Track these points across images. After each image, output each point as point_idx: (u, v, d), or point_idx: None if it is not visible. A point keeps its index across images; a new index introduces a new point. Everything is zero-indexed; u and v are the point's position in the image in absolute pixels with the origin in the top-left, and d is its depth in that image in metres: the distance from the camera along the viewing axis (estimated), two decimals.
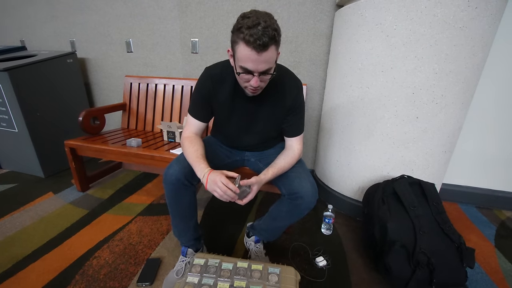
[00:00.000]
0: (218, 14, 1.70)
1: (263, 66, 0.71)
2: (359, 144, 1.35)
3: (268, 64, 0.72)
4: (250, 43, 0.66)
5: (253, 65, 0.71)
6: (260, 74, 0.74)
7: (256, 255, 1.12)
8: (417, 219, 1.03)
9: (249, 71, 0.72)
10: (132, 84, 1.91)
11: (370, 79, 1.22)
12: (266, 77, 0.77)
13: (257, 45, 0.66)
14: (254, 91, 0.80)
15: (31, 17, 2.16)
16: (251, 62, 0.70)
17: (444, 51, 1.06)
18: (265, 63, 0.71)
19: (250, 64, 0.70)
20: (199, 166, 0.83)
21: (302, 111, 0.98)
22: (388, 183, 1.16)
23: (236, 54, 0.73)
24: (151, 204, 1.57)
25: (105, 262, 1.11)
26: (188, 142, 0.91)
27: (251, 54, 0.68)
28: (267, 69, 0.73)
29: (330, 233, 1.35)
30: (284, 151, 0.98)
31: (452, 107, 1.16)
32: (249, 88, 0.79)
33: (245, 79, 0.77)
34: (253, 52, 0.67)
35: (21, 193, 1.66)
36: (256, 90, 0.80)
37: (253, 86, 0.76)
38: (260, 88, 0.80)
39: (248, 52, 0.68)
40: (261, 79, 0.76)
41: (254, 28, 0.65)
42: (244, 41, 0.67)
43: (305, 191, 0.86)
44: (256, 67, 0.71)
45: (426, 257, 0.95)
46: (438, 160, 1.28)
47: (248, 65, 0.71)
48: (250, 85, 0.76)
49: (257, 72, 0.72)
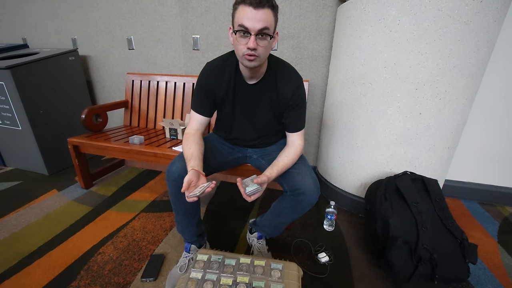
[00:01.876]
0: (219, 10, 1.68)
1: (260, 24, 0.71)
2: (362, 140, 1.35)
3: (265, 23, 0.72)
4: (247, 1, 0.70)
5: (250, 22, 0.71)
6: (257, 35, 0.73)
7: (259, 251, 1.13)
8: (420, 215, 1.03)
9: (246, 29, 0.72)
10: (134, 82, 1.91)
11: (373, 75, 1.21)
12: (264, 41, 0.76)
13: (253, 0, 0.69)
14: (252, 57, 0.77)
15: (33, 14, 2.16)
16: (248, 19, 0.71)
17: (448, 46, 1.05)
18: (261, 22, 0.71)
19: (247, 21, 0.71)
20: (188, 164, 0.85)
21: (303, 106, 0.98)
22: (391, 180, 1.16)
23: (234, 19, 0.76)
24: (154, 201, 1.58)
25: (109, 258, 1.12)
26: (185, 139, 0.93)
27: (248, 11, 0.71)
28: (263, 27, 0.72)
29: (332, 230, 1.35)
30: (286, 148, 0.98)
31: (456, 102, 1.15)
32: (246, 55, 0.77)
33: (243, 43, 0.75)
34: (250, 8, 0.70)
35: (25, 190, 1.67)
36: (254, 56, 0.76)
37: (250, 47, 0.74)
38: (257, 56, 0.77)
39: (246, 9, 0.71)
40: (258, 43, 0.75)
41: None
42: (242, 2, 0.72)
43: (307, 188, 0.86)
44: (253, 24, 0.71)
45: (428, 253, 0.95)
46: (441, 156, 1.27)
47: (245, 22, 0.72)
48: (247, 47, 0.74)
49: (254, 31, 0.72)
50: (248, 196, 0.79)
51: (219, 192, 1.73)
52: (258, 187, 0.79)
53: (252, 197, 0.79)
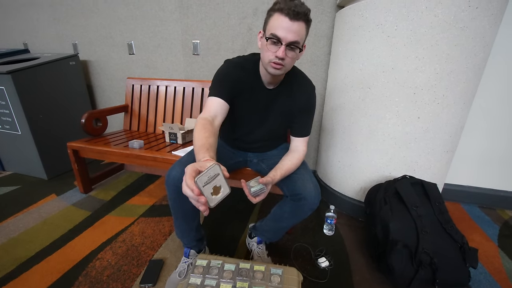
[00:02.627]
0: (219, 16, 1.70)
1: (292, 36, 0.73)
2: (361, 144, 1.35)
3: (297, 36, 0.74)
4: (284, 11, 0.71)
5: (283, 32, 0.72)
6: (287, 46, 0.75)
7: (259, 256, 1.12)
8: (420, 219, 1.03)
9: (278, 39, 0.73)
10: (134, 86, 1.92)
11: (371, 79, 1.23)
12: (292, 53, 0.77)
13: (291, 11, 0.70)
14: (278, 66, 0.78)
15: (34, 20, 2.18)
16: (282, 29, 0.72)
17: (445, 51, 1.06)
18: (294, 34, 0.73)
19: (281, 31, 0.72)
20: (197, 156, 0.74)
21: (312, 113, 1.00)
22: (390, 183, 1.16)
23: (267, 26, 0.76)
24: (153, 206, 1.57)
25: (108, 264, 1.11)
26: (201, 126, 0.78)
27: (284, 21, 0.71)
28: (295, 41, 0.74)
29: (332, 234, 1.35)
30: (289, 152, 0.98)
31: (453, 107, 1.16)
32: (272, 63, 0.78)
33: (272, 51, 0.76)
34: (286, 19, 0.71)
35: (24, 195, 1.67)
36: (280, 65, 0.78)
37: (279, 56, 0.75)
38: (283, 65, 0.79)
39: (282, 19, 0.72)
40: (287, 53, 0.76)
41: (290, 2, 0.71)
42: (279, 10, 0.72)
43: (308, 192, 0.87)
44: (286, 35, 0.72)
45: (428, 257, 0.95)
46: (440, 160, 1.28)
47: (279, 32, 0.73)
48: (276, 55, 0.76)
49: (285, 41, 0.74)
50: (253, 197, 0.78)
51: None
52: (263, 187, 0.78)
53: (257, 198, 0.78)
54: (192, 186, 0.51)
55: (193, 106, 1.79)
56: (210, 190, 0.53)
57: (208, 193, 0.53)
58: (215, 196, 0.55)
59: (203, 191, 0.52)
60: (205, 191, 0.52)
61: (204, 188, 0.52)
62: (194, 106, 1.79)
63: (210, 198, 0.54)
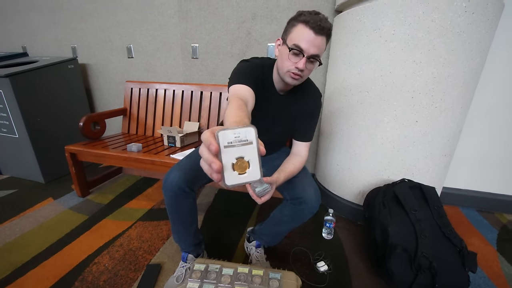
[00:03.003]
0: (218, 20, 1.71)
1: (314, 49, 0.74)
2: (359, 148, 1.35)
3: (319, 50, 0.75)
4: (310, 24, 0.71)
5: (307, 45, 0.73)
6: (308, 58, 0.75)
7: (257, 260, 1.11)
8: (418, 223, 1.02)
9: (300, 50, 0.74)
10: (132, 89, 1.92)
11: (369, 83, 1.23)
12: (311, 65, 0.79)
13: (316, 25, 0.71)
14: (296, 76, 0.79)
15: (33, 23, 2.19)
16: (306, 41, 0.73)
17: (442, 56, 1.07)
18: (316, 47, 0.74)
19: (304, 43, 0.73)
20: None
21: (317, 119, 1.00)
22: (389, 187, 1.16)
23: (289, 35, 0.76)
24: (151, 209, 1.56)
25: (104, 268, 1.10)
26: (238, 105, 0.65)
27: (309, 34, 0.72)
28: (316, 55, 0.75)
29: (331, 238, 1.34)
30: (291, 156, 0.98)
31: (451, 110, 1.17)
32: (291, 73, 0.79)
33: (293, 61, 0.77)
34: (311, 32, 0.72)
35: (21, 199, 1.65)
36: (298, 76, 0.79)
37: (299, 67, 0.76)
38: (301, 77, 0.80)
39: (306, 31, 0.72)
40: (306, 65, 0.77)
41: (315, 15, 0.72)
42: (304, 22, 0.72)
43: (308, 196, 0.86)
44: (308, 47, 0.73)
45: (428, 261, 0.94)
46: (438, 163, 1.28)
47: (302, 44, 0.73)
48: (296, 67, 0.76)
49: (307, 54, 0.74)
50: (259, 197, 0.76)
51: (217, 199, 1.71)
52: (268, 187, 0.77)
53: (263, 198, 0.77)
54: (210, 139, 0.34)
55: (192, 110, 1.79)
56: (232, 160, 0.36)
57: (228, 162, 0.36)
58: (238, 174, 0.37)
59: (222, 153, 0.35)
60: (226, 156, 0.36)
61: (225, 150, 0.35)
62: (193, 110, 1.79)
63: (229, 172, 0.36)
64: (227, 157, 0.36)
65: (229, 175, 0.37)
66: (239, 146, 0.36)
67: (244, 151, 0.37)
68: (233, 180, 0.37)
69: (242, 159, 0.37)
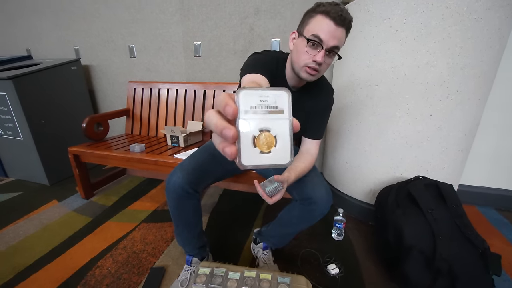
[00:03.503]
0: (220, 17, 1.68)
1: (334, 41, 0.69)
2: (369, 144, 1.29)
3: (339, 42, 0.70)
4: (331, 14, 0.66)
5: (326, 36, 0.68)
6: (327, 51, 0.70)
7: (265, 262, 1.07)
8: (436, 223, 0.96)
9: (319, 41, 0.69)
10: (135, 90, 1.90)
11: (379, 76, 1.17)
12: (329, 59, 0.73)
13: (337, 16, 0.66)
14: (313, 72, 0.74)
15: (36, 26, 2.19)
16: (326, 32, 0.68)
17: (458, 44, 1.00)
18: (337, 39, 0.69)
19: (324, 34, 0.68)
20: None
21: (328, 116, 0.96)
22: (402, 185, 1.10)
23: (306, 27, 0.71)
24: (155, 211, 1.53)
25: (107, 272, 1.07)
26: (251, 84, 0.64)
27: (329, 25, 0.67)
28: (335, 47, 0.70)
29: (341, 239, 1.28)
30: (301, 155, 0.92)
31: (468, 103, 1.10)
32: (308, 68, 0.73)
33: (311, 54, 0.71)
34: (331, 23, 0.67)
35: (25, 201, 1.64)
36: (315, 71, 0.74)
37: (317, 60, 0.70)
38: (318, 72, 0.75)
39: (326, 22, 0.67)
40: (325, 59, 0.72)
41: (335, 6, 0.67)
42: (324, 13, 0.67)
43: (319, 196, 0.81)
44: (328, 39, 0.68)
45: (447, 265, 0.88)
46: (455, 159, 1.21)
47: (322, 34, 0.68)
48: (314, 60, 0.71)
49: (326, 46, 0.69)
50: (269, 197, 0.72)
51: (221, 200, 1.67)
52: (279, 185, 0.72)
53: (274, 198, 0.73)
54: (227, 99, 0.24)
55: (195, 109, 1.76)
56: (254, 131, 0.26)
57: (248, 134, 0.26)
58: (259, 152, 0.26)
59: (241, 121, 0.25)
60: (245, 125, 0.25)
61: (245, 117, 0.25)
62: (196, 109, 1.75)
63: (248, 147, 0.26)
64: (247, 127, 0.26)
65: (248, 152, 0.26)
66: (265, 113, 0.26)
67: (271, 121, 0.26)
68: (252, 159, 0.26)
69: (268, 132, 0.26)
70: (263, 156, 0.26)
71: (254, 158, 0.26)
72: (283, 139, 0.26)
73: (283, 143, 0.26)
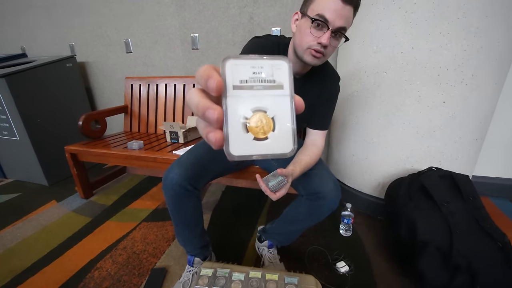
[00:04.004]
0: (218, 6, 1.60)
1: (341, 21, 0.63)
2: (377, 135, 1.23)
3: (346, 22, 0.64)
4: None
5: (333, 15, 0.62)
6: (333, 32, 0.64)
7: (270, 261, 1.02)
8: (452, 217, 0.90)
9: (325, 22, 0.63)
10: (133, 86, 1.84)
11: (387, 62, 1.10)
12: (335, 41, 0.67)
13: None
14: (318, 54, 0.68)
15: (30, 23, 2.13)
16: (332, 11, 0.61)
17: (474, 24, 0.93)
18: (343, 19, 0.63)
19: (330, 13, 0.62)
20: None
21: (334, 105, 0.90)
22: (414, 177, 1.04)
23: (311, 6, 0.65)
24: (156, 209, 1.49)
25: (107, 274, 1.03)
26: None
27: (335, 2, 0.61)
28: (343, 27, 0.64)
29: (349, 235, 1.23)
30: (306, 147, 0.87)
31: (484, 88, 1.03)
32: (312, 50, 0.67)
33: (315, 35, 0.65)
34: (338, 0, 0.61)
35: (24, 202, 1.61)
36: (320, 54, 0.68)
37: (322, 42, 0.64)
38: (324, 55, 0.68)
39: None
40: (331, 42, 0.65)
41: None
42: None
43: (327, 191, 0.76)
44: (334, 19, 0.62)
45: (466, 260, 0.82)
46: (469, 149, 1.14)
47: (327, 14, 0.62)
48: (318, 42, 0.65)
49: (333, 26, 0.63)
50: (273, 192, 0.66)
51: (224, 197, 1.63)
52: (283, 179, 0.66)
53: (278, 194, 0.67)
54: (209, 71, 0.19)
55: None
56: (245, 112, 0.20)
57: (238, 116, 0.20)
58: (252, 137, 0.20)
59: (229, 99, 0.20)
60: (234, 104, 0.20)
61: (234, 94, 0.20)
62: None
63: (238, 133, 0.20)
64: (236, 107, 0.20)
65: (238, 139, 0.20)
66: (260, 89, 0.20)
67: (267, 99, 0.21)
68: (243, 148, 0.20)
69: (264, 113, 0.20)
70: (257, 143, 0.20)
71: (246, 147, 0.20)
72: (283, 122, 0.21)
73: (283, 127, 0.21)
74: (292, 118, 0.21)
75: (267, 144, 0.20)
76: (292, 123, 0.21)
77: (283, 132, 0.21)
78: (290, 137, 0.21)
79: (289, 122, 0.21)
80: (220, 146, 0.20)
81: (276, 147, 0.21)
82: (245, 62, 0.20)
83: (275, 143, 0.21)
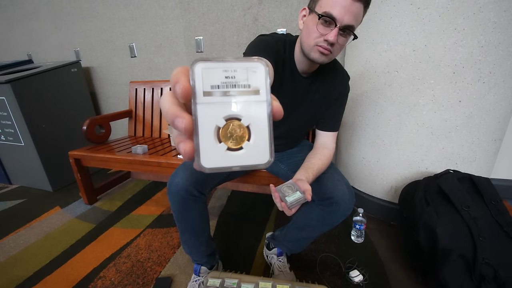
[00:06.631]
0: (222, 8, 1.59)
1: (350, 18, 0.60)
2: (389, 137, 1.18)
3: (354, 20, 0.61)
4: None
5: (341, 12, 0.59)
6: (341, 29, 0.61)
7: (280, 270, 0.97)
8: (474, 222, 0.84)
9: (332, 19, 0.60)
10: (137, 90, 1.83)
11: (399, 61, 1.06)
12: (343, 39, 0.64)
13: None
14: (326, 51, 0.65)
15: (36, 30, 2.15)
16: (340, 7, 0.59)
17: (491, 19, 0.89)
18: (352, 16, 0.60)
19: (338, 10, 0.59)
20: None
21: (345, 104, 0.87)
22: (431, 180, 0.99)
23: (319, 2, 0.62)
24: (160, 215, 1.45)
25: (110, 283, 0.99)
26: None
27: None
28: (351, 25, 0.61)
29: (362, 241, 1.17)
30: (316, 150, 0.83)
31: (502, 86, 0.98)
32: (319, 47, 0.64)
33: (322, 32, 0.63)
34: None
35: (27, 209, 1.59)
36: (328, 51, 0.65)
37: (329, 40, 0.61)
38: (331, 52, 0.65)
39: None
40: (338, 39, 0.62)
41: None
42: None
43: (341, 196, 0.71)
44: (343, 15, 0.59)
45: (492, 269, 0.77)
46: (487, 150, 1.09)
47: (335, 11, 0.59)
48: (325, 39, 0.62)
49: (340, 24, 0.60)
50: (289, 209, 0.61)
51: (230, 202, 1.58)
52: (303, 197, 0.61)
53: (293, 210, 0.62)
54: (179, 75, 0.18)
55: None
56: (217, 120, 0.19)
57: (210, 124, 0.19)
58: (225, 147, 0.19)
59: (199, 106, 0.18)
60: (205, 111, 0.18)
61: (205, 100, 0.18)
62: None
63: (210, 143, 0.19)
64: (207, 115, 0.18)
65: (209, 150, 0.19)
66: (233, 95, 0.19)
67: (242, 106, 0.19)
68: (216, 159, 0.19)
69: (238, 121, 0.19)
70: (231, 154, 0.19)
71: (219, 158, 0.19)
72: (260, 130, 0.20)
73: (260, 136, 0.20)
74: (269, 126, 0.20)
75: (242, 155, 0.19)
76: (269, 132, 0.20)
77: (259, 142, 0.20)
78: (267, 147, 0.20)
79: (265, 130, 0.20)
80: (191, 158, 0.18)
81: (252, 158, 0.20)
82: (217, 65, 0.19)
83: (250, 154, 0.20)
